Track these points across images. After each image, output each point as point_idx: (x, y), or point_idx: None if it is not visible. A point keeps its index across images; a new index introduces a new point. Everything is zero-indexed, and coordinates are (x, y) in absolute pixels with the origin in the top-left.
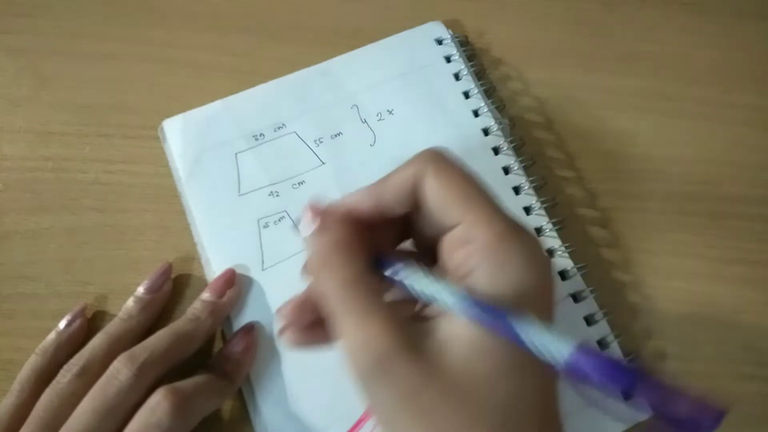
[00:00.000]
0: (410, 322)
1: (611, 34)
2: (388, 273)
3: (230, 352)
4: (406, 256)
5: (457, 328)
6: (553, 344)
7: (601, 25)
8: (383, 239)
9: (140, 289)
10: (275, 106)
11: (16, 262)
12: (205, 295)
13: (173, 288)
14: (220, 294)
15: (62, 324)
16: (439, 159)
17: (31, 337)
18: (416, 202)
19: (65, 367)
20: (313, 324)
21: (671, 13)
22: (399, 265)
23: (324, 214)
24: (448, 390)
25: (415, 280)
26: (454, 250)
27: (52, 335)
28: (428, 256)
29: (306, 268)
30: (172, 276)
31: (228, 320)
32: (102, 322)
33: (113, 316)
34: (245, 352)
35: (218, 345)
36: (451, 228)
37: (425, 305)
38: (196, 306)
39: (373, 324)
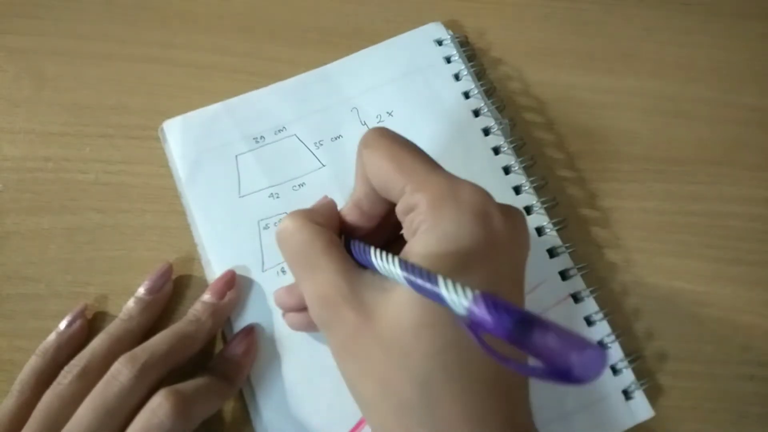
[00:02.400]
0: (362, 274)
1: (611, 34)
2: (355, 253)
3: (231, 354)
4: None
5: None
6: (459, 297)
7: (601, 25)
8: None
9: (141, 290)
10: (275, 109)
11: (16, 262)
12: (206, 297)
13: (174, 289)
14: (221, 295)
15: (62, 325)
16: (367, 143)
17: (32, 337)
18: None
19: (66, 368)
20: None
21: (671, 13)
22: (358, 245)
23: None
24: (379, 337)
25: (373, 256)
26: (404, 219)
27: (52, 336)
28: None
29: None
30: (173, 277)
31: (228, 321)
32: (102, 322)
33: (114, 316)
34: (245, 353)
35: (219, 346)
36: (397, 200)
37: None
38: (197, 308)
39: (321, 277)
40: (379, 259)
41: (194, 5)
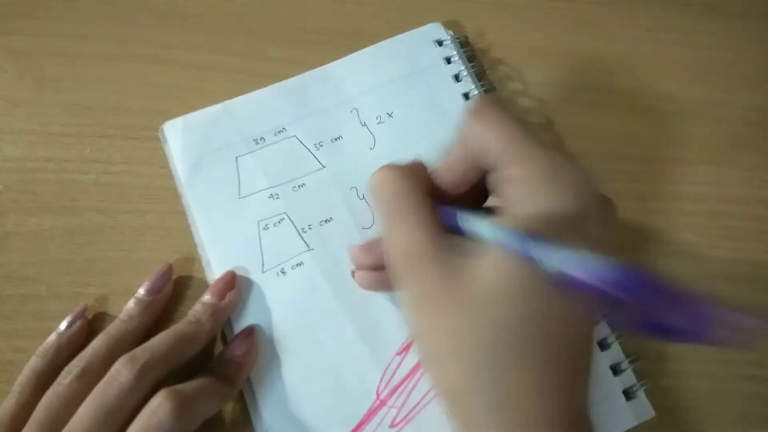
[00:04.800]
0: (449, 237)
1: (611, 34)
2: (443, 216)
3: (231, 355)
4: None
5: (486, 249)
6: (558, 258)
7: (601, 25)
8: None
9: (141, 291)
10: (275, 110)
11: (16, 263)
12: (206, 298)
13: (174, 289)
14: (221, 296)
15: (63, 325)
16: (476, 111)
17: (32, 338)
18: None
19: (66, 369)
20: (381, 267)
21: (671, 13)
22: (446, 209)
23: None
24: (457, 297)
25: (463, 219)
26: (499, 188)
27: (52, 337)
28: None
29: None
30: (173, 277)
31: (228, 322)
32: (103, 323)
33: (114, 317)
34: (246, 355)
35: (219, 347)
36: (494, 170)
37: None
38: (197, 308)
39: (409, 229)
40: (471, 221)
41: (194, 5)
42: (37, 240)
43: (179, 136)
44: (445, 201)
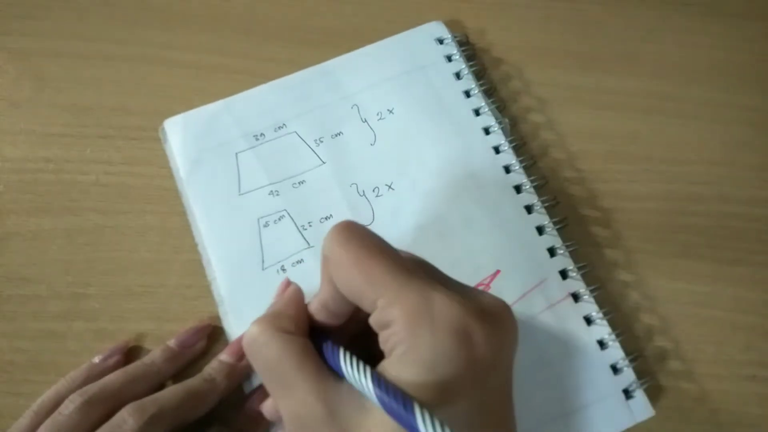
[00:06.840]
0: (339, 388)
1: (611, 34)
2: (327, 357)
3: (250, 410)
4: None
5: (372, 406)
6: None
7: (602, 25)
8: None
9: (172, 340)
10: (276, 106)
11: (16, 263)
12: (224, 356)
13: (174, 289)
14: (240, 357)
15: (98, 358)
16: (332, 250)
17: (32, 338)
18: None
19: (70, 397)
20: None
21: (671, 13)
22: (327, 348)
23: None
24: None
25: (346, 370)
26: (379, 332)
27: (85, 366)
28: None
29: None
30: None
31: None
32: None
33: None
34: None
35: (218, 347)
36: (371, 311)
37: None
38: (213, 366)
39: (296, 397)
40: (354, 375)
41: (194, 5)
42: (37, 240)
43: (179, 133)
44: (330, 329)
